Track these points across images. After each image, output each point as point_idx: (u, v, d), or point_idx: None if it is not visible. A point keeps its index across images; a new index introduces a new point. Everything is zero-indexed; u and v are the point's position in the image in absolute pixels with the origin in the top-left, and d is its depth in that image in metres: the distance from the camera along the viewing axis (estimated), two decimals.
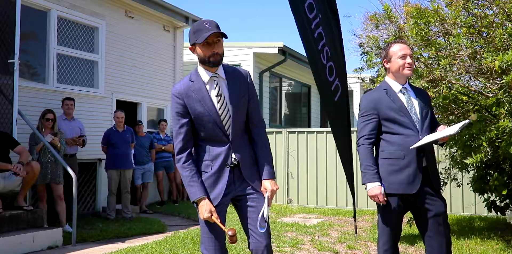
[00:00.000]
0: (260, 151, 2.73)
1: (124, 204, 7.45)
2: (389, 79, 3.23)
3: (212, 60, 2.57)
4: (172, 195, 9.33)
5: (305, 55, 4.91)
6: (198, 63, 2.67)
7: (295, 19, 4.64)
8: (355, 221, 5.65)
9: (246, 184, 2.68)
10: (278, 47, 11.05)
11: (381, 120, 3.14)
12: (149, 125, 9.41)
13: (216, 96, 2.62)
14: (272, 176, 2.70)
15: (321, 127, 14.89)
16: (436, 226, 3.08)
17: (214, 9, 77.08)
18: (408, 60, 3.12)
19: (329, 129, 8.77)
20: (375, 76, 5.79)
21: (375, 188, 3.05)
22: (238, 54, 11.03)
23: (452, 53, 4.38)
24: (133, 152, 7.83)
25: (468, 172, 5.57)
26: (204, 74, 2.64)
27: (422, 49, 4.69)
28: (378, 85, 3.38)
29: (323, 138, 8.76)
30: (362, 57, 5.35)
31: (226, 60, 10.96)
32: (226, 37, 2.54)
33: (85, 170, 7.80)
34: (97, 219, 7.40)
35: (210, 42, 2.54)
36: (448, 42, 4.47)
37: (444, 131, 3.02)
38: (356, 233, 5.63)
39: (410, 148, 3.02)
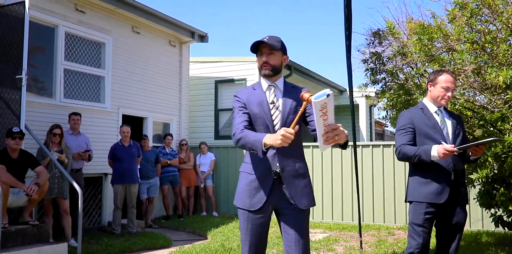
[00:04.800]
0: None
1: (129, 218, 7.44)
2: (427, 101, 3.54)
3: (263, 69, 2.82)
4: (177, 209, 9.32)
5: (310, 70, 4.99)
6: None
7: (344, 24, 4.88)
8: (360, 236, 5.62)
9: (287, 198, 2.72)
10: None
11: (416, 134, 3.40)
12: (155, 140, 9.44)
13: (270, 103, 2.81)
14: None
15: None
16: (453, 233, 3.38)
17: (220, 24, 77.77)
18: (449, 93, 3.42)
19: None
20: (380, 90, 5.80)
21: (435, 150, 3.18)
22: (244, 68, 11.02)
23: (456, 69, 4.40)
24: (138, 166, 7.84)
25: (474, 187, 5.54)
26: (264, 83, 2.90)
27: (426, 64, 4.71)
28: (416, 105, 3.69)
29: (328, 152, 8.74)
30: (366, 74, 5.38)
31: (231, 75, 11.09)
32: (275, 49, 2.76)
33: (91, 185, 7.82)
34: (103, 233, 7.39)
35: (262, 53, 2.80)
36: (452, 58, 4.50)
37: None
38: (362, 248, 5.60)
39: (455, 147, 3.16)
